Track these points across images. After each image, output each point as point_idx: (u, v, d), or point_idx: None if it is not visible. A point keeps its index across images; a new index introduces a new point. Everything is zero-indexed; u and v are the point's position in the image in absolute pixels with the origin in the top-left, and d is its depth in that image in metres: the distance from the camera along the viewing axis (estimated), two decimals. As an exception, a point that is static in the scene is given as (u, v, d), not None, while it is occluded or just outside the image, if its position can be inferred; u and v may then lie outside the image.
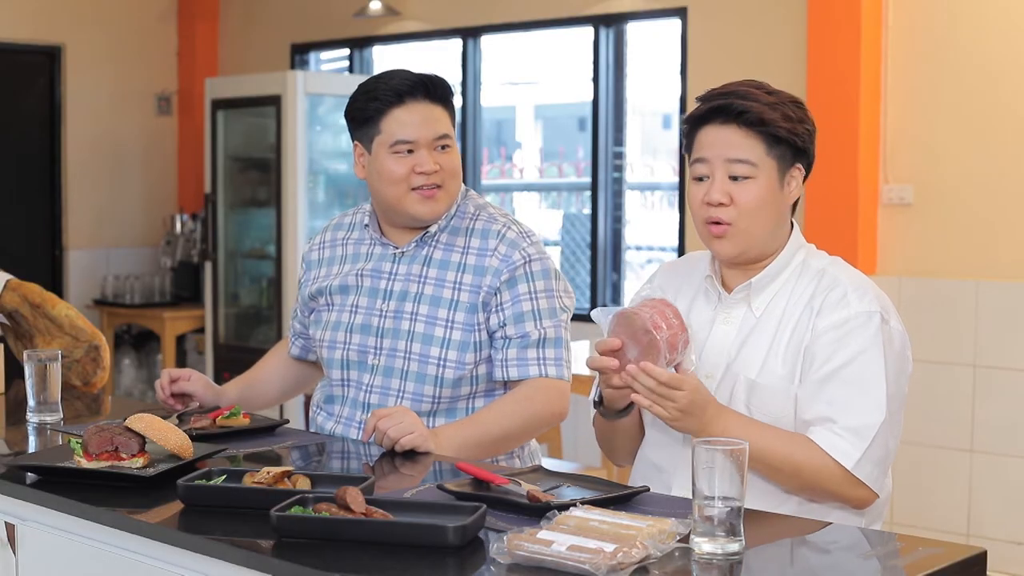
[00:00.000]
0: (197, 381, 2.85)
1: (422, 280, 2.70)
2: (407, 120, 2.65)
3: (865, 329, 2.19)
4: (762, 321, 2.26)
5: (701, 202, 2.25)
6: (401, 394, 2.68)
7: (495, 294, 2.65)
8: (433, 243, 2.72)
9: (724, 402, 2.24)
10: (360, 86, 2.74)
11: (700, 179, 2.26)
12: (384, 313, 2.71)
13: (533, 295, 2.65)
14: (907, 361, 2.27)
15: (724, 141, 2.23)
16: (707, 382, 2.26)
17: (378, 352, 2.70)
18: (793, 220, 2.34)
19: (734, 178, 2.23)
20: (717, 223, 2.24)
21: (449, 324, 2.65)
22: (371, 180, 2.71)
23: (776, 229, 2.28)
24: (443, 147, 2.67)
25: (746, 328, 2.27)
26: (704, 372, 2.28)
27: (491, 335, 2.67)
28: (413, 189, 2.65)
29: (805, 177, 2.31)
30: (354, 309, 2.75)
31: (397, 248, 2.74)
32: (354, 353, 2.73)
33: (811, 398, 2.19)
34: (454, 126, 2.72)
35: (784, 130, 2.21)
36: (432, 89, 2.67)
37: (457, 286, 2.67)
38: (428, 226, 2.71)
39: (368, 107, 2.68)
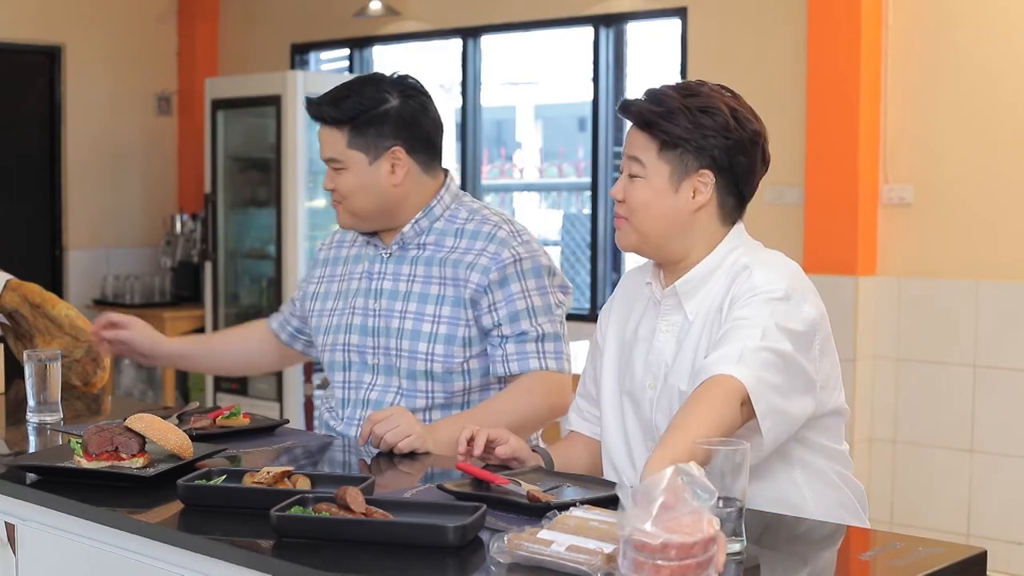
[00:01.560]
0: (136, 328, 2.91)
1: (411, 279, 2.72)
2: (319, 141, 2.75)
3: (758, 298, 2.14)
4: (693, 326, 2.25)
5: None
6: (400, 391, 2.69)
7: (486, 293, 2.65)
8: (422, 244, 2.73)
9: (665, 414, 2.22)
10: None
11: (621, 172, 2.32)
12: (377, 312, 2.73)
13: (526, 293, 2.66)
14: (808, 343, 2.15)
15: (631, 139, 2.28)
16: (650, 392, 2.28)
17: (376, 351, 2.72)
18: (740, 221, 2.30)
19: (632, 176, 2.26)
20: (617, 216, 2.30)
21: (436, 319, 2.67)
22: None
23: (676, 231, 2.25)
24: (336, 169, 2.70)
25: (682, 334, 2.26)
26: (648, 382, 2.29)
27: (486, 334, 2.67)
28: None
29: (743, 188, 2.26)
30: (352, 311, 2.77)
31: (386, 249, 2.77)
32: (355, 354, 2.75)
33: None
34: (362, 146, 2.67)
35: (678, 135, 2.20)
36: (324, 113, 2.69)
37: (442, 281, 2.69)
38: (399, 227, 2.75)
39: None
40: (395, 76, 2.74)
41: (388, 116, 2.67)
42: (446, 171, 2.80)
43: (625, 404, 2.35)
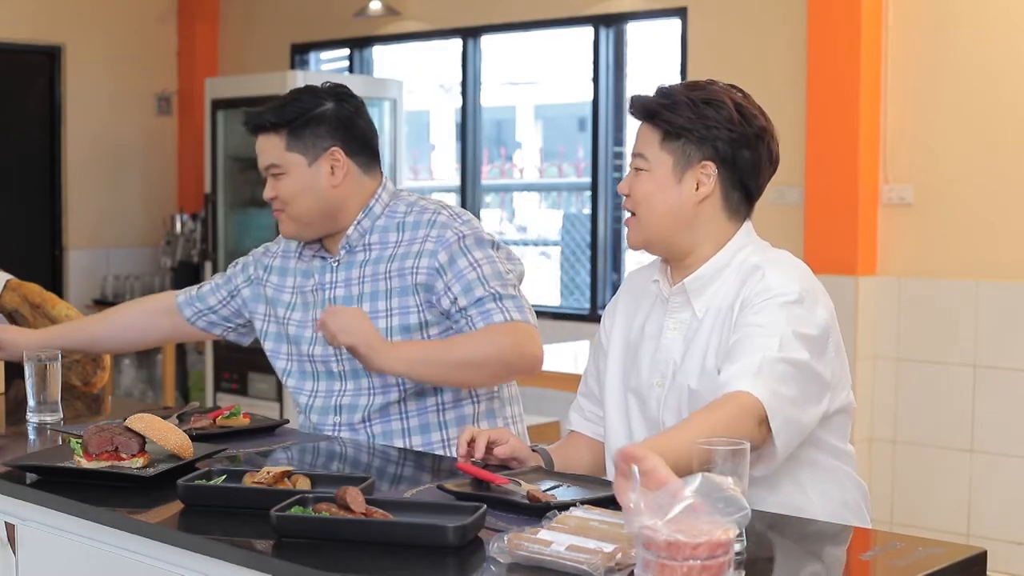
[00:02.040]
0: None
1: (361, 281, 2.73)
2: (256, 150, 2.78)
3: (772, 302, 2.14)
4: (702, 324, 2.24)
5: None
6: (371, 391, 2.70)
7: (439, 275, 2.66)
8: (367, 245, 2.74)
9: (675, 412, 2.23)
10: None
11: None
12: None
13: (475, 264, 2.66)
14: (823, 346, 2.16)
15: (637, 135, 2.30)
16: (657, 390, 2.27)
17: (340, 359, 2.73)
18: (748, 219, 2.31)
19: (637, 170, 2.27)
20: (625, 214, 2.31)
21: (388, 313, 2.68)
22: None
23: (681, 224, 2.25)
24: (275, 175, 2.72)
25: (691, 332, 2.26)
26: (655, 380, 2.28)
27: (448, 316, 2.68)
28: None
29: (749, 183, 2.26)
30: (311, 324, 2.77)
31: (334, 258, 2.78)
32: (320, 365, 2.76)
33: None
34: (301, 148, 2.69)
35: (680, 124, 2.21)
36: (262, 120, 2.71)
37: (387, 275, 2.70)
38: (342, 230, 2.75)
39: None
40: (327, 84, 2.79)
41: (325, 118, 2.71)
42: (382, 173, 2.82)
43: (631, 402, 2.34)
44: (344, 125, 2.72)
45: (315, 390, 2.77)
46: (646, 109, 2.26)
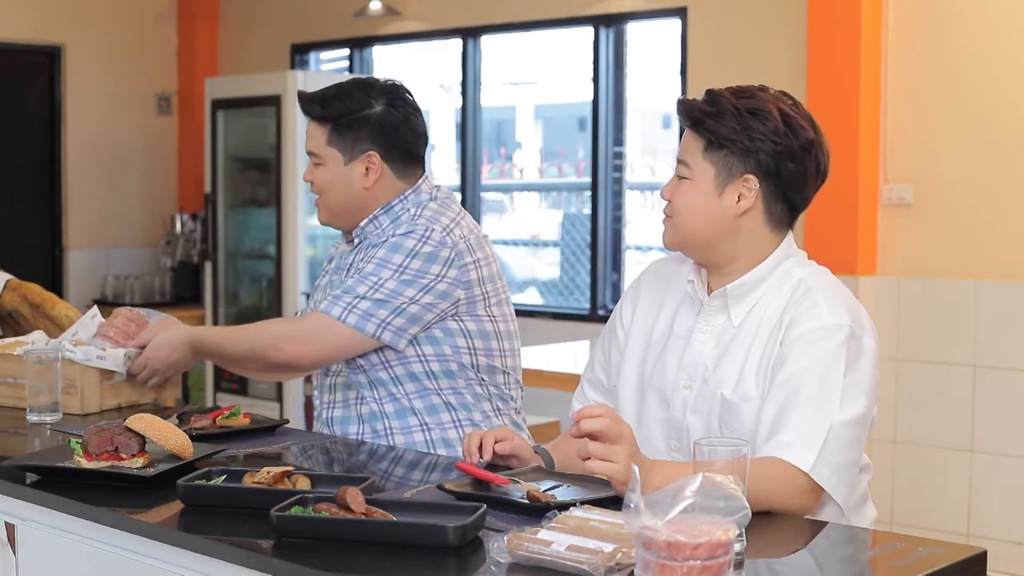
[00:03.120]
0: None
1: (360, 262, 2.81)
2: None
3: (829, 341, 2.13)
4: (740, 332, 2.22)
5: None
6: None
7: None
8: (365, 235, 2.81)
9: (703, 417, 2.21)
10: None
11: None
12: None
13: (372, 258, 2.68)
14: (874, 381, 2.17)
15: (683, 141, 2.27)
16: (684, 392, 2.25)
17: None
18: (791, 229, 2.29)
19: (680, 178, 2.25)
20: (664, 216, 2.29)
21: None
22: None
23: (721, 235, 2.23)
24: (315, 164, 2.80)
25: (725, 339, 2.23)
26: (682, 382, 2.26)
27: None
28: None
29: (793, 196, 2.24)
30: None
31: (352, 244, 2.87)
32: None
33: (765, 403, 2.14)
34: (341, 145, 2.75)
35: (724, 135, 2.18)
36: (310, 109, 2.78)
37: (354, 262, 2.80)
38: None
39: None
40: (388, 83, 2.80)
41: (368, 121, 2.74)
42: (424, 177, 2.82)
43: (649, 400, 2.31)
44: (387, 131, 2.75)
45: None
46: (691, 115, 2.22)
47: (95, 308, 3.05)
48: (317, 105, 2.76)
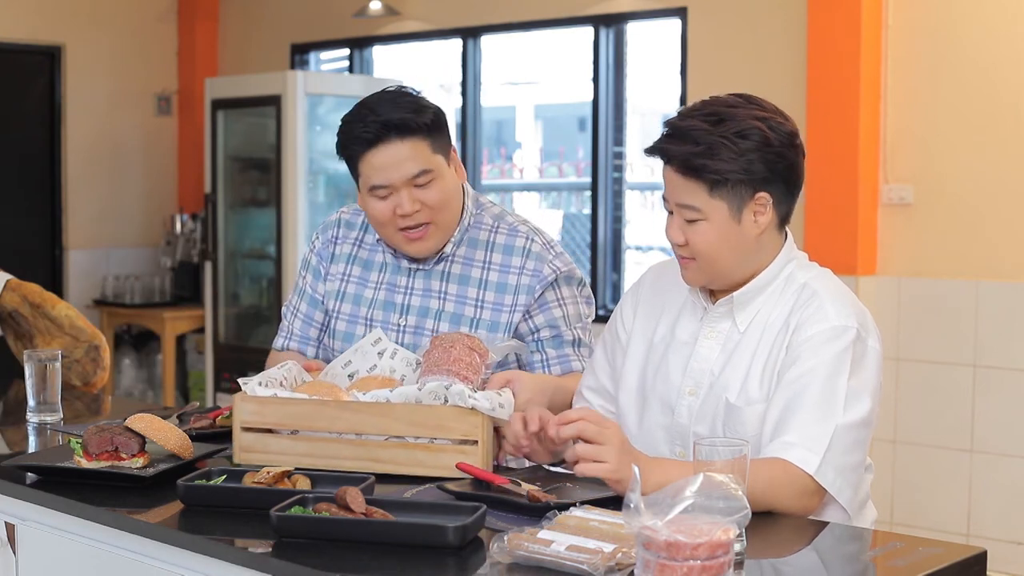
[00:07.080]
0: None
1: (442, 296, 2.63)
2: (379, 164, 2.51)
3: (837, 342, 2.13)
4: (746, 337, 2.22)
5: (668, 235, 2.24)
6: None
7: (527, 306, 2.61)
8: (451, 258, 2.64)
9: (707, 423, 2.21)
10: (343, 119, 2.62)
11: (669, 212, 2.24)
12: (402, 328, 2.64)
13: (561, 301, 2.62)
14: (878, 383, 2.18)
15: (672, 184, 2.19)
16: (690, 399, 2.24)
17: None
18: (788, 231, 2.29)
19: (689, 221, 2.19)
20: (681, 257, 2.24)
21: None
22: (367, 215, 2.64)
23: (746, 258, 2.21)
24: (424, 184, 2.52)
25: (731, 344, 2.23)
26: (687, 389, 2.25)
27: (522, 337, 2.63)
28: (400, 230, 2.56)
29: (794, 190, 2.23)
30: (368, 323, 2.67)
31: (412, 263, 2.66)
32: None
33: (770, 404, 2.14)
34: (441, 148, 2.55)
35: (726, 171, 2.12)
36: (402, 128, 2.49)
37: (479, 304, 2.62)
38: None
39: (347, 148, 2.59)
40: (411, 89, 2.63)
41: (444, 117, 2.59)
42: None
43: (652, 405, 2.30)
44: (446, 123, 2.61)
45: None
46: (689, 164, 2.14)
47: (379, 331, 2.60)
48: (411, 118, 2.50)
